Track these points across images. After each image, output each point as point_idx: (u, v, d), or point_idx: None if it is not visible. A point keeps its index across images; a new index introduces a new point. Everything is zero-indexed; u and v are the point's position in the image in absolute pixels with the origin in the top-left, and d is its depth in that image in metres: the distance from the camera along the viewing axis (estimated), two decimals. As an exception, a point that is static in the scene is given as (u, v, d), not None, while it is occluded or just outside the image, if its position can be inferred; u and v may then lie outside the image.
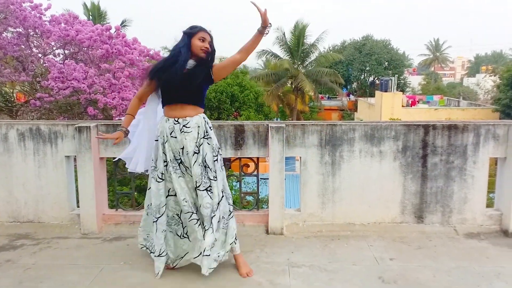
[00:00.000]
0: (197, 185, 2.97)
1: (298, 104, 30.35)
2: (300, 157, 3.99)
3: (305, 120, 28.46)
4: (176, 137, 2.98)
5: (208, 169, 3.01)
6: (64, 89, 7.29)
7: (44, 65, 8.11)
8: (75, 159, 4.05)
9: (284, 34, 30.36)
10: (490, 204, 4.18)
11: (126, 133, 3.11)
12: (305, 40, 30.47)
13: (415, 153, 3.94)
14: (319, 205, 4.00)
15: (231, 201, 3.20)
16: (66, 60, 7.92)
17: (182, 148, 2.98)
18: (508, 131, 3.89)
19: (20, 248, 3.67)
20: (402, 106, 28.52)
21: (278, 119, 30.49)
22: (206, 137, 3.02)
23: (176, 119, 2.99)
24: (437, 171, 3.94)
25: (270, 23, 2.93)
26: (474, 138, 3.91)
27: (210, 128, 3.09)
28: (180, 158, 3.01)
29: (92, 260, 3.41)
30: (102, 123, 4.02)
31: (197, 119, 3.00)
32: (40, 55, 8.41)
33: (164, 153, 3.01)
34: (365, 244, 3.70)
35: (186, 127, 2.97)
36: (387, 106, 26.83)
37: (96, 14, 31.97)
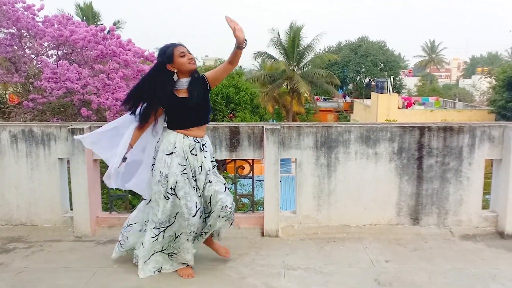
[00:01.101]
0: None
1: (294, 105, 30.36)
2: (296, 159, 3.97)
3: (301, 121, 28.46)
4: (196, 155, 3.03)
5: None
6: (58, 90, 7.23)
7: (37, 66, 8.04)
8: (68, 161, 4.01)
9: (279, 35, 30.38)
10: (485, 205, 4.18)
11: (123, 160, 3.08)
12: (300, 42, 30.49)
13: (411, 155, 3.93)
14: (314, 207, 3.98)
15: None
16: (59, 61, 7.86)
17: (200, 166, 3.04)
18: (504, 132, 3.89)
19: (13, 251, 3.63)
20: (398, 107, 28.59)
21: (274, 120, 30.50)
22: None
23: (196, 138, 3.04)
24: (432, 173, 3.94)
25: (245, 40, 2.85)
26: (470, 140, 3.91)
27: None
28: (195, 176, 3.05)
29: (85, 263, 3.37)
30: (96, 125, 3.98)
31: (207, 138, 3.16)
32: (33, 56, 8.35)
33: (184, 168, 3.01)
34: (361, 246, 3.69)
35: (205, 146, 3.09)
36: (383, 108, 26.89)
37: (90, 15, 31.88)
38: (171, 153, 2.98)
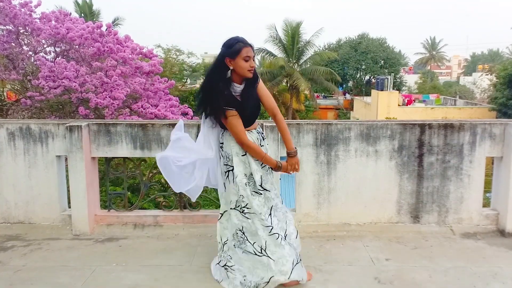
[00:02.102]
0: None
1: (294, 103, 30.32)
2: (295, 157, 3.93)
3: (300, 119, 28.41)
4: (263, 146, 2.98)
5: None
6: (55, 88, 7.19)
7: (35, 63, 8.00)
8: (66, 159, 3.98)
9: (276, 30, 30.27)
10: (486, 203, 4.15)
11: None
12: (300, 38, 30.41)
13: (411, 153, 3.90)
14: (314, 205, 3.96)
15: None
16: (57, 58, 7.82)
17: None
18: (505, 130, 3.86)
19: (11, 249, 3.61)
20: (398, 105, 28.53)
21: (274, 118, 30.39)
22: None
23: (256, 130, 2.99)
24: (433, 171, 3.91)
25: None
26: (471, 137, 3.88)
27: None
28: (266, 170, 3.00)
29: (83, 262, 3.36)
30: (94, 122, 3.96)
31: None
32: (30, 53, 8.30)
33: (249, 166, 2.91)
34: (361, 244, 3.67)
35: (263, 134, 3.06)
36: (383, 105, 26.84)
37: (88, 12, 31.80)
38: (246, 153, 2.87)
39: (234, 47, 2.69)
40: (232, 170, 2.87)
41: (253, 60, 2.75)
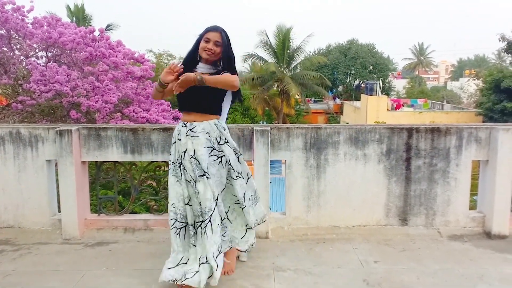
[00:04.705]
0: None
1: (284, 107, 30.44)
2: (286, 160, 3.98)
3: (291, 123, 28.53)
4: (180, 140, 2.99)
5: (232, 170, 3.06)
6: (46, 92, 7.18)
7: (26, 67, 7.98)
8: (56, 163, 3.97)
9: (267, 36, 30.42)
10: (473, 206, 4.23)
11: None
12: (290, 44, 30.58)
13: (399, 156, 3.96)
14: (304, 208, 3.99)
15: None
16: (48, 63, 7.80)
17: (184, 152, 2.96)
18: (490, 134, 3.94)
19: (0, 254, 3.58)
20: (387, 109, 28.80)
21: (265, 122, 30.54)
22: (222, 143, 3.02)
23: (185, 123, 3.00)
24: (420, 174, 3.97)
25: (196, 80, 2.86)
26: (457, 141, 3.95)
27: (226, 131, 3.07)
28: (181, 162, 2.98)
29: (73, 266, 3.35)
30: (84, 127, 3.96)
31: (205, 125, 2.97)
32: (22, 57, 8.28)
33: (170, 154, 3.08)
34: (350, 247, 3.71)
35: (192, 131, 2.95)
36: (372, 110, 27.07)
37: (81, 17, 31.60)
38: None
39: (202, 32, 2.98)
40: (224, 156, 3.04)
41: (216, 45, 2.93)
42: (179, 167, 2.98)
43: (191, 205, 2.96)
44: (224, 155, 3.01)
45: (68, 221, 3.88)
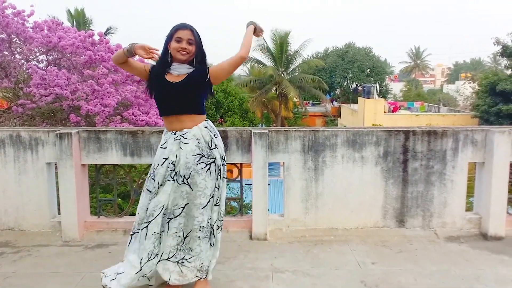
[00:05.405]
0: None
1: (283, 110, 30.51)
2: (284, 163, 4.01)
3: (289, 126, 28.59)
4: (166, 148, 2.82)
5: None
6: (47, 96, 7.22)
7: (26, 71, 8.01)
8: (56, 166, 4.00)
9: (265, 40, 30.46)
10: (469, 208, 4.26)
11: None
12: (288, 47, 30.66)
13: (396, 158, 4.00)
14: (302, 210, 4.03)
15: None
16: (49, 67, 7.84)
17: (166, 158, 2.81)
18: (486, 136, 3.98)
19: (0, 256, 3.60)
20: (384, 112, 28.88)
21: (263, 125, 30.60)
22: (212, 147, 2.85)
23: (174, 131, 2.81)
24: (417, 176, 4.01)
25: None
26: (453, 144, 3.99)
27: (215, 136, 2.90)
28: (175, 170, 2.78)
29: (73, 268, 3.36)
30: (84, 130, 3.99)
31: (196, 131, 2.80)
32: (23, 61, 8.33)
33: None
34: (348, 248, 3.74)
35: (183, 137, 2.78)
36: (369, 112, 27.14)
37: (81, 21, 31.57)
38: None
39: (171, 31, 2.78)
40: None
41: (191, 44, 2.76)
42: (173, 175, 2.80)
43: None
44: (214, 161, 2.83)
45: (68, 224, 3.90)
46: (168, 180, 2.78)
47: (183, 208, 2.79)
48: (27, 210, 4.03)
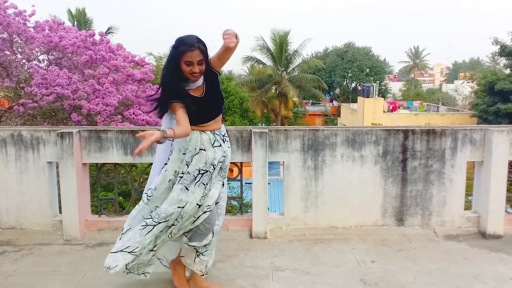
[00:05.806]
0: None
1: (282, 109, 30.53)
2: (284, 162, 4.03)
3: (289, 125, 28.61)
4: (220, 146, 2.84)
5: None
6: (48, 95, 7.24)
7: (28, 71, 8.03)
8: (57, 165, 4.02)
9: (264, 41, 30.48)
10: (468, 206, 4.28)
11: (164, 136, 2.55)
12: (287, 47, 30.68)
13: (395, 157, 4.02)
14: (302, 209, 4.05)
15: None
16: (50, 66, 7.86)
17: (225, 157, 2.89)
18: (485, 135, 4.01)
19: (2, 255, 3.62)
20: (384, 111, 28.87)
21: (263, 124, 30.61)
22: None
23: (213, 131, 2.84)
24: (416, 175, 4.03)
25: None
26: (452, 143, 4.02)
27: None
28: (208, 170, 2.80)
29: (74, 267, 3.39)
30: (85, 129, 4.01)
31: (223, 128, 2.96)
32: (24, 61, 8.35)
33: (187, 165, 2.79)
34: (347, 247, 3.76)
35: (225, 136, 2.93)
36: (369, 112, 27.15)
37: (82, 21, 31.53)
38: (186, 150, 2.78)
39: (177, 50, 2.61)
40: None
41: (201, 64, 2.64)
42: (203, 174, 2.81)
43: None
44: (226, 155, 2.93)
45: (69, 222, 3.92)
46: (218, 181, 2.93)
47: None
48: (28, 209, 4.05)
